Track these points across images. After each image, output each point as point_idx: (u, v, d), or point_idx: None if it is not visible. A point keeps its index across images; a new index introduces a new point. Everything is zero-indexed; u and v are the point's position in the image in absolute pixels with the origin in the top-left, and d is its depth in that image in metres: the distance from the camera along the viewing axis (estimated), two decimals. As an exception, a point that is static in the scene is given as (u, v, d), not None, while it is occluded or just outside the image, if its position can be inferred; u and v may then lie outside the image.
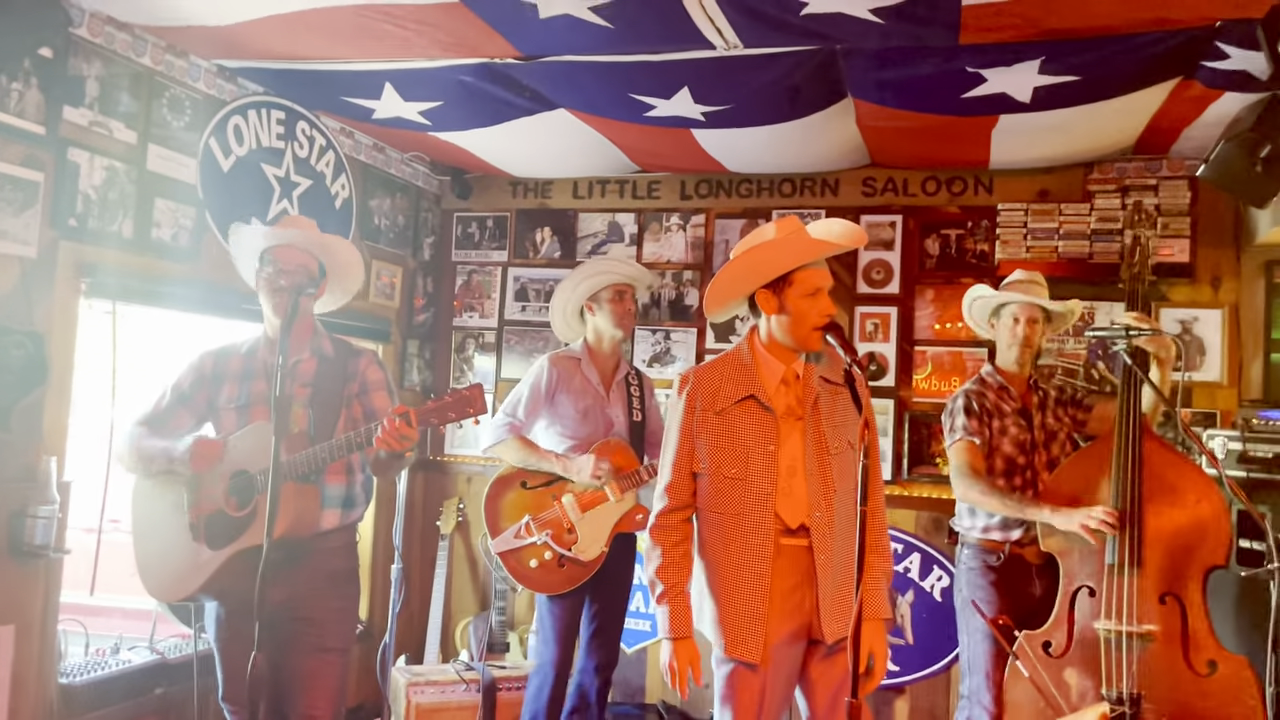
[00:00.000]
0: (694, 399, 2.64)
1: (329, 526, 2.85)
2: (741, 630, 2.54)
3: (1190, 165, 4.06)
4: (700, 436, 2.63)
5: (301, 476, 2.72)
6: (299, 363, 2.89)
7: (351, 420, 2.91)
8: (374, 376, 2.98)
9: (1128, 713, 2.97)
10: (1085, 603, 3.11)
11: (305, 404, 2.85)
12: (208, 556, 2.74)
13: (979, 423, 3.35)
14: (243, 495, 2.75)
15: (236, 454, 2.77)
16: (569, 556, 3.68)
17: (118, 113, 3.21)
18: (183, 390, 2.91)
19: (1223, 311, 4.09)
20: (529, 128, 4.03)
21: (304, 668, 2.82)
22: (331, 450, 2.70)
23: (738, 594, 2.55)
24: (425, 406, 2.65)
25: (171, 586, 2.83)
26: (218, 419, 2.90)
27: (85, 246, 3.12)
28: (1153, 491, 3.08)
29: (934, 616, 4.30)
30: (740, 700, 2.57)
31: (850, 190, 4.59)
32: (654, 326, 4.79)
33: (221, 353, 2.97)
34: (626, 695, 4.58)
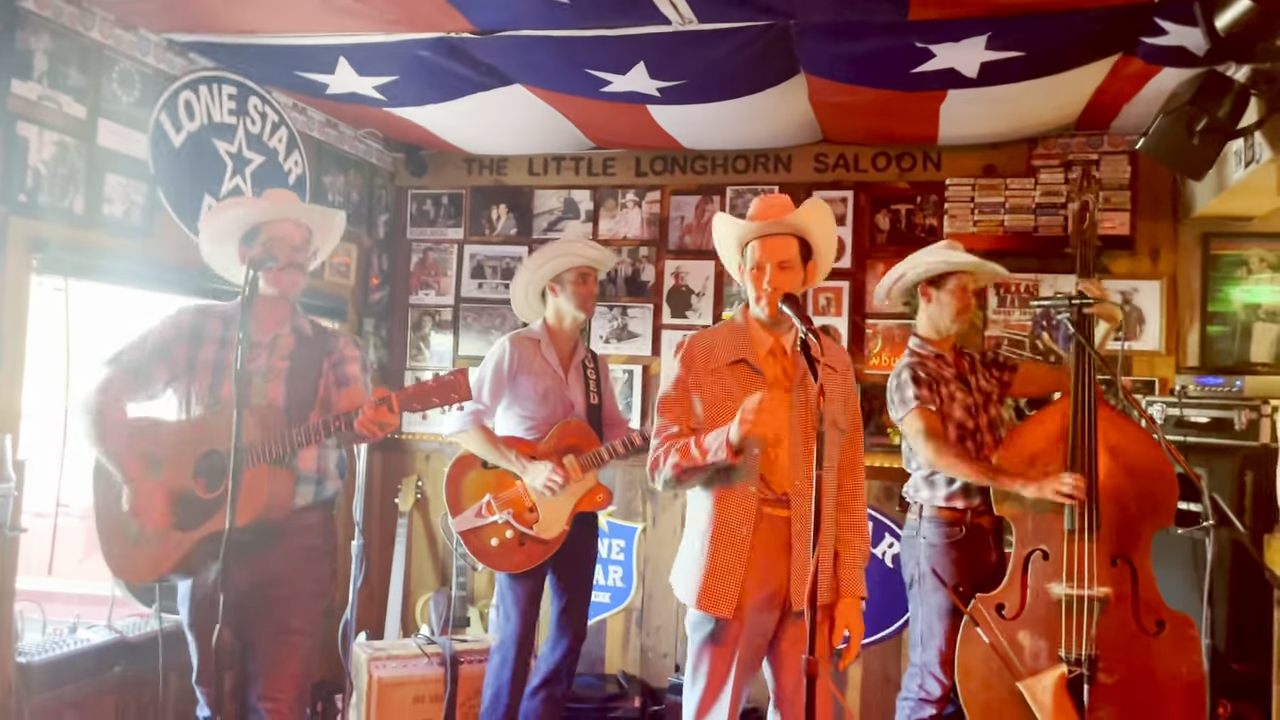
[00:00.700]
0: (690, 358, 2.71)
1: (302, 504, 2.81)
2: (716, 585, 2.60)
3: (1130, 140, 4.18)
4: (696, 394, 2.68)
5: (276, 459, 2.67)
6: (278, 338, 2.87)
7: (326, 391, 2.89)
8: (350, 351, 2.99)
9: (1085, 674, 3.08)
10: (1039, 566, 3.20)
11: (282, 377, 2.82)
12: (177, 538, 2.69)
13: (929, 390, 3.36)
14: (213, 476, 2.70)
15: (206, 433, 2.71)
16: (530, 535, 3.71)
17: (67, 86, 3.16)
18: (163, 342, 2.82)
19: (1161, 283, 4.23)
20: (485, 104, 4.03)
21: (268, 649, 2.79)
22: (308, 434, 2.67)
23: (716, 551, 2.61)
24: (406, 391, 2.62)
25: (138, 568, 2.75)
26: (193, 380, 2.82)
27: (36, 222, 3.08)
28: (1106, 458, 3.18)
29: (886, 582, 4.40)
30: (712, 667, 2.63)
31: (803, 166, 4.65)
32: (611, 303, 4.82)
33: (200, 310, 2.91)
34: (587, 666, 4.63)
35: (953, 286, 3.46)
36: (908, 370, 3.41)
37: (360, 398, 2.88)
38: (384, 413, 2.58)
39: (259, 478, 2.64)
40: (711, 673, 2.64)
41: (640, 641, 4.73)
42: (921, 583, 3.37)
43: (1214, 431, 3.62)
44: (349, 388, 2.93)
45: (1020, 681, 3.09)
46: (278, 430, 2.69)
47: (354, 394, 2.92)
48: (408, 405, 2.62)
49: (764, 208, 2.68)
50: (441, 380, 2.63)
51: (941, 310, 3.48)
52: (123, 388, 2.77)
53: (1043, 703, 3.04)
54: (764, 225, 2.65)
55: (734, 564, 2.60)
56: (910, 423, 3.35)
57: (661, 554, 4.72)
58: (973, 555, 3.34)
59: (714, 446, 2.53)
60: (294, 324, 2.93)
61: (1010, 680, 3.13)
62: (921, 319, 3.55)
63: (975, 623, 3.17)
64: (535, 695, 3.87)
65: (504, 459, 3.71)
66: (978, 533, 3.35)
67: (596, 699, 4.40)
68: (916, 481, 3.47)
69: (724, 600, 2.60)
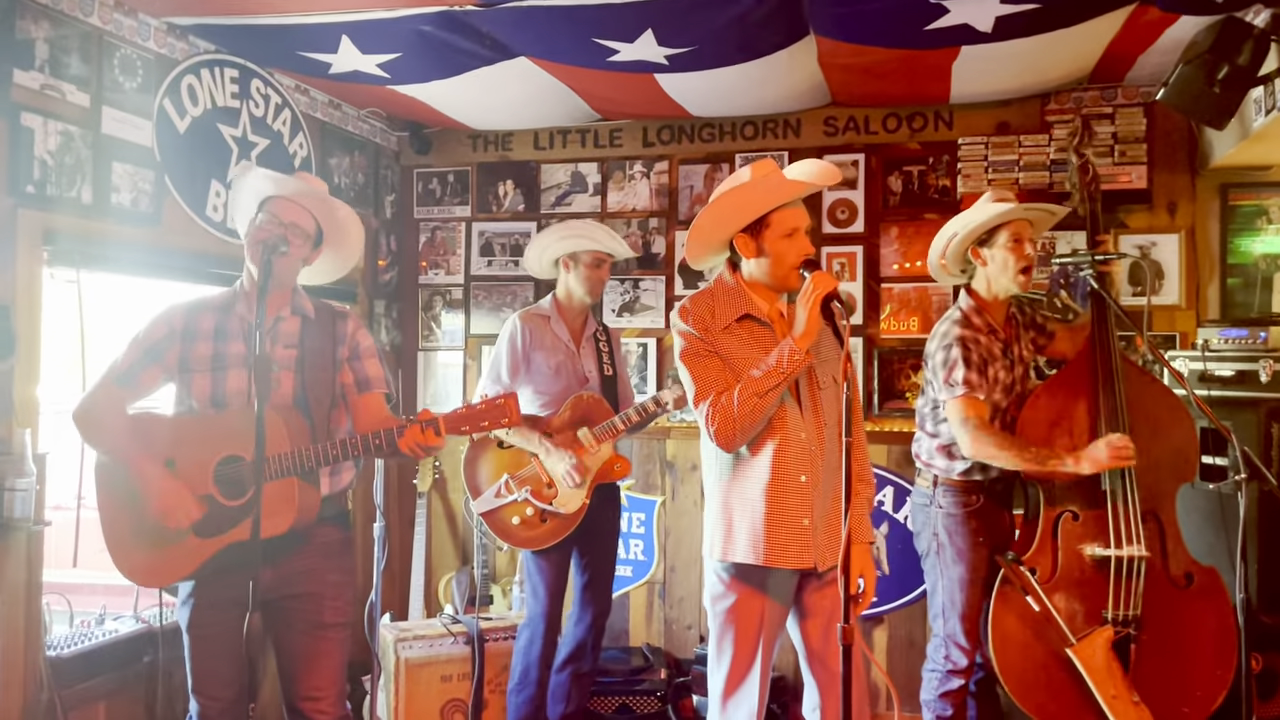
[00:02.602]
0: (700, 319, 2.63)
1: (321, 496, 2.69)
2: (787, 539, 2.55)
3: (1145, 92, 4.13)
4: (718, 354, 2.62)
5: (306, 473, 2.56)
6: (280, 321, 2.72)
7: (343, 388, 2.77)
8: (365, 342, 2.82)
9: (1133, 633, 3.05)
10: (1069, 527, 3.15)
11: (291, 367, 2.69)
12: (194, 545, 2.56)
13: (979, 375, 3.15)
14: (234, 484, 2.57)
15: (223, 435, 2.59)
16: (550, 511, 3.71)
17: (69, 75, 3.12)
18: (153, 344, 2.67)
19: (1179, 236, 4.18)
20: (489, 78, 3.98)
21: (303, 647, 2.69)
22: (344, 450, 2.55)
23: (780, 504, 2.56)
24: (454, 414, 2.54)
25: (151, 573, 2.63)
26: (189, 380, 2.66)
27: (45, 214, 3.04)
28: (1134, 416, 3.13)
29: (908, 547, 4.35)
30: (741, 627, 2.61)
31: (812, 130, 4.60)
32: (622, 276, 4.79)
33: (192, 307, 2.73)
34: (611, 639, 4.64)
35: (1006, 241, 3.18)
36: (959, 346, 3.16)
37: (384, 407, 2.77)
38: (430, 436, 2.50)
39: (289, 489, 2.53)
40: (738, 646, 2.62)
41: (664, 614, 4.73)
42: (941, 554, 3.28)
43: (1237, 385, 3.58)
44: (371, 393, 2.79)
45: (1069, 648, 3.03)
46: (305, 438, 2.59)
47: (375, 402, 2.77)
48: (454, 429, 2.53)
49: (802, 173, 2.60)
50: (491, 404, 2.54)
51: (1001, 268, 3.20)
52: (112, 397, 2.64)
53: (1094, 666, 2.99)
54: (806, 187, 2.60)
55: (799, 513, 2.56)
56: (956, 409, 3.15)
57: (682, 526, 4.71)
58: (991, 523, 3.27)
59: (782, 354, 2.50)
60: (295, 305, 2.78)
61: (1050, 646, 3.07)
62: (979, 280, 3.29)
63: (1026, 592, 3.09)
64: (562, 670, 3.88)
65: (529, 442, 3.71)
66: (994, 498, 3.29)
67: (622, 671, 4.41)
68: (931, 449, 3.33)
69: (793, 551, 2.56)
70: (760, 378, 2.51)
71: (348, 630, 2.81)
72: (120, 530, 2.63)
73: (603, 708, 4.33)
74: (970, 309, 3.27)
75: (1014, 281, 3.20)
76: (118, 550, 2.64)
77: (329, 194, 2.85)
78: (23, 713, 2.94)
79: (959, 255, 3.31)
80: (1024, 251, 3.18)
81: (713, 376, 2.59)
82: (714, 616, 2.67)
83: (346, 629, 2.80)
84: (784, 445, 2.57)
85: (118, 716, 3.30)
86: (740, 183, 2.61)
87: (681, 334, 2.66)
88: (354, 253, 2.96)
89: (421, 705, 4.00)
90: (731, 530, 2.61)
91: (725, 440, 2.56)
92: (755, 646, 2.61)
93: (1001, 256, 3.20)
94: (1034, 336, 3.42)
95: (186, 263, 3.57)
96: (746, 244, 2.63)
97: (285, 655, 2.72)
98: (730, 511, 2.62)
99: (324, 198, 2.82)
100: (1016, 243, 3.18)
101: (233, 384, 2.65)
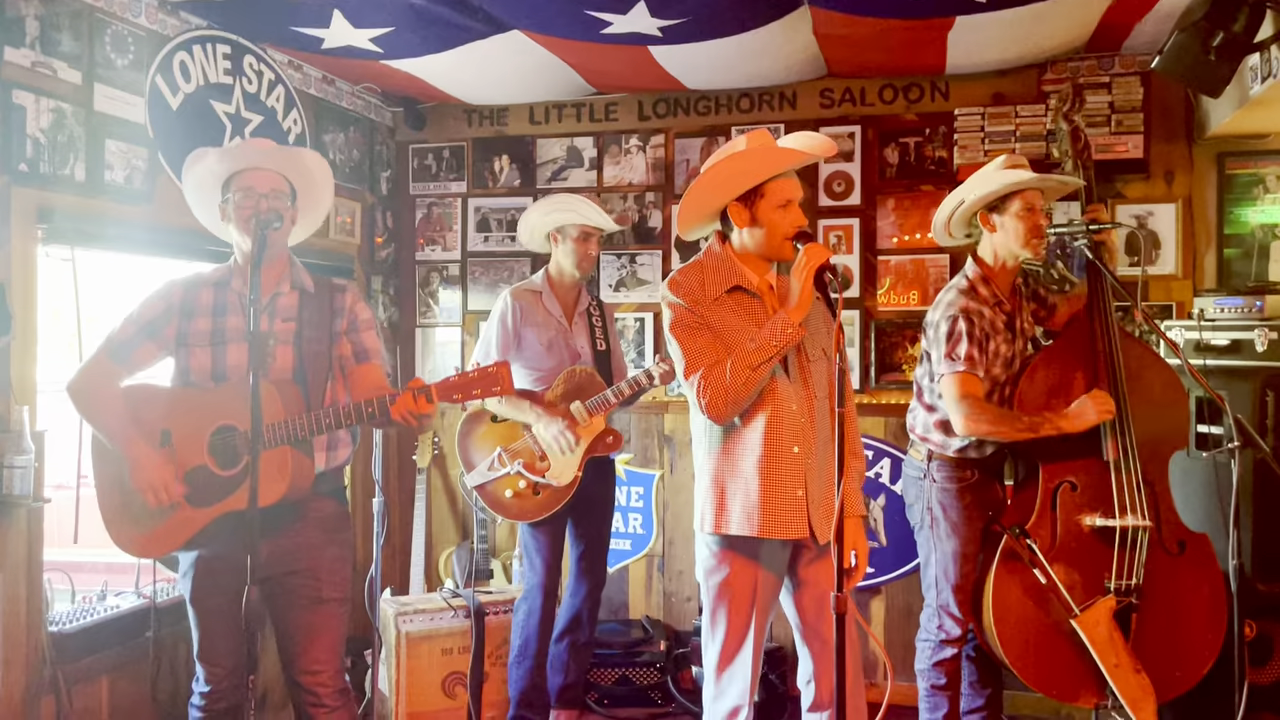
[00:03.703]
0: (690, 291, 2.63)
1: (317, 471, 2.71)
2: (780, 510, 2.56)
3: (1142, 61, 4.10)
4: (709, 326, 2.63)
5: (299, 441, 2.57)
6: (278, 296, 2.73)
7: (341, 360, 2.78)
8: (364, 314, 2.82)
9: (1134, 602, 3.06)
10: (1068, 498, 3.16)
11: (290, 342, 2.69)
12: (188, 514, 2.59)
13: (979, 350, 3.12)
14: (229, 453, 2.59)
15: (219, 406, 2.61)
16: (543, 483, 3.73)
17: (60, 52, 3.11)
18: (149, 320, 2.69)
19: (1176, 205, 4.17)
20: (483, 52, 3.96)
21: (302, 622, 2.71)
22: (337, 418, 2.55)
23: (773, 475, 2.56)
24: (447, 382, 2.53)
25: (145, 544, 2.67)
26: (187, 355, 2.68)
27: (38, 191, 3.04)
28: (1130, 385, 3.13)
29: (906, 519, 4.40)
30: (735, 599, 2.62)
31: (808, 103, 4.58)
32: (619, 250, 4.79)
33: (191, 282, 2.75)
34: (610, 612, 4.68)
35: (1018, 209, 3.13)
36: (964, 320, 3.12)
37: (381, 378, 2.78)
38: (422, 403, 2.49)
39: (283, 458, 2.54)
40: (731, 619, 2.63)
41: (663, 586, 4.76)
42: (935, 528, 3.29)
43: (1234, 353, 3.57)
44: (369, 364, 2.79)
45: (1073, 618, 3.04)
46: (300, 409, 2.59)
47: (373, 372, 2.78)
48: (447, 396, 2.52)
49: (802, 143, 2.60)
50: (484, 372, 2.51)
51: (1010, 235, 3.15)
52: (106, 373, 2.67)
53: (1097, 636, 3.00)
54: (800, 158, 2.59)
55: (792, 484, 2.57)
56: (953, 384, 3.11)
57: (680, 500, 4.73)
58: (984, 496, 3.29)
59: (775, 328, 2.50)
60: (294, 279, 2.78)
61: (1051, 616, 3.08)
62: (985, 247, 3.25)
63: (1032, 565, 3.09)
64: (560, 641, 3.92)
65: (520, 412, 3.72)
66: (987, 472, 3.29)
67: (622, 644, 4.45)
68: (928, 424, 3.31)
69: (786, 522, 2.56)
70: (753, 350, 2.51)
71: (346, 605, 2.82)
72: (115, 501, 2.67)
73: (602, 679, 4.37)
74: (977, 278, 3.24)
75: (1025, 247, 3.16)
76: (113, 521, 2.67)
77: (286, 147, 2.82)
78: (26, 687, 2.97)
79: (965, 220, 3.28)
80: (1036, 220, 3.14)
81: (703, 349, 2.59)
82: (707, 590, 2.68)
83: (345, 604, 2.81)
84: (775, 417, 2.58)
85: (120, 691, 3.33)
86: (736, 150, 2.60)
87: (671, 305, 2.65)
88: (325, 200, 2.92)
89: (422, 678, 4.03)
90: (724, 503, 2.62)
91: (717, 413, 2.57)
92: (749, 619, 2.62)
93: (1013, 224, 3.15)
94: (1035, 309, 3.40)
95: (181, 239, 3.56)
96: (740, 213, 2.62)
97: (285, 630, 2.74)
98: (723, 484, 2.63)
99: (289, 154, 2.80)
100: (1029, 210, 3.14)
101: (232, 358, 2.67)
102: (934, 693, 3.34)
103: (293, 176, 2.78)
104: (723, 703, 2.66)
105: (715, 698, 2.68)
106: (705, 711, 2.73)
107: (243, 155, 2.72)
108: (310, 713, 2.75)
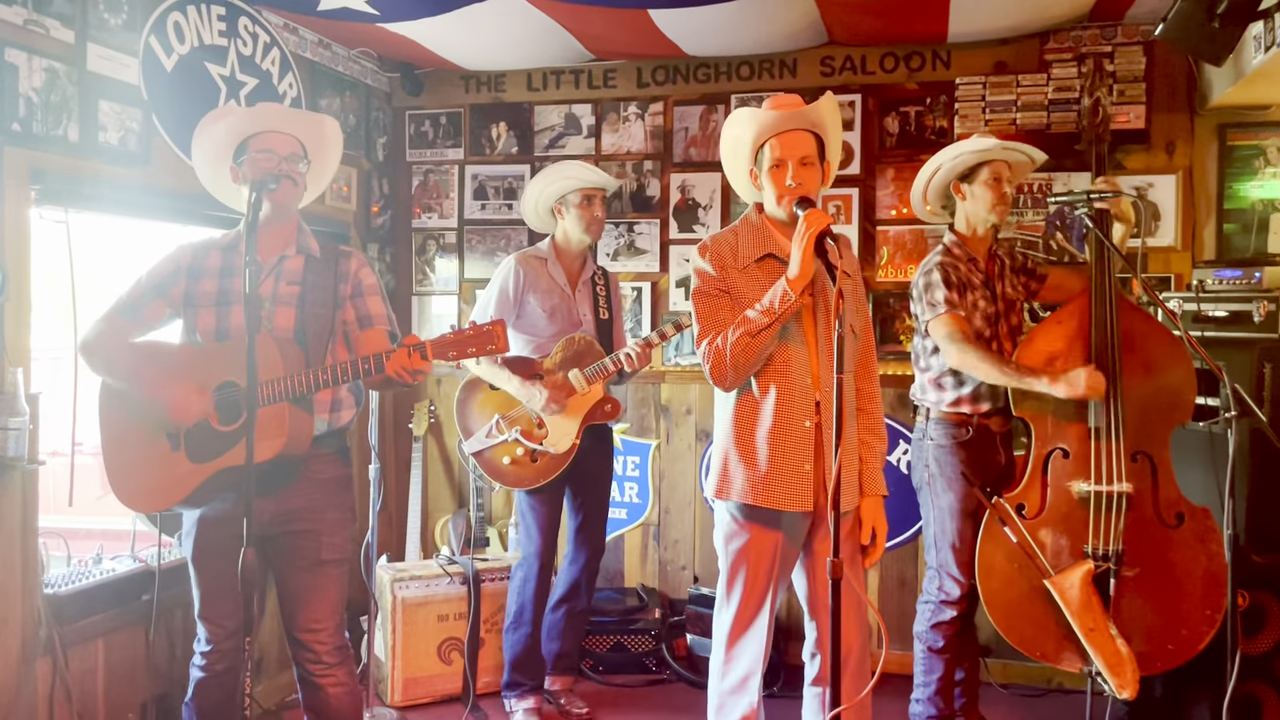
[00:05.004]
0: (719, 257, 2.64)
1: (319, 433, 2.73)
2: (788, 482, 2.56)
3: (1145, 30, 4.07)
4: (730, 294, 2.63)
5: (297, 398, 2.58)
6: (284, 259, 2.75)
7: (345, 324, 2.79)
8: (368, 280, 2.84)
9: (1112, 568, 3.09)
10: (1059, 465, 3.19)
11: (293, 304, 2.71)
12: (188, 469, 2.62)
13: (959, 295, 3.28)
14: (230, 409, 2.61)
15: (223, 363, 2.63)
16: (540, 450, 3.73)
17: (52, 10, 3.06)
18: (160, 280, 2.74)
19: (1177, 176, 4.15)
20: (480, 15, 3.92)
21: (302, 582, 2.74)
22: (334, 375, 2.56)
23: (782, 447, 2.56)
24: (442, 339, 2.53)
25: (146, 497, 2.72)
26: (194, 315, 2.72)
27: (31, 152, 3.01)
28: (1128, 355, 3.15)
29: (901, 488, 4.38)
30: (753, 567, 2.62)
31: (809, 70, 4.54)
32: (616, 219, 4.76)
33: (200, 246, 2.80)
34: (606, 580, 4.69)
35: (986, 177, 3.31)
36: (939, 270, 3.30)
37: (385, 341, 2.78)
38: (417, 360, 2.50)
39: (280, 415, 2.55)
40: (748, 586, 2.63)
41: (658, 555, 4.78)
42: (932, 484, 3.36)
43: (1232, 325, 3.58)
44: (373, 329, 2.80)
45: (1047, 579, 3.09)
46: (299, 367, 2.60)
47: (378, 337, 2.79)
48: (442, 354, 2.52)
49: (779, 103, 2.60)
50: (479, 330, 2.51)
51: (976, 203, 3.33)
52: (118, 329, 2.71)
53: (1071, 599, 3.04)
54: (785, 116, 2.57)
55: (800, 457, 2.56)
56: (938, 326, 3.26)
57: (676, 469, 4.73)
58: (980, 455, 3.33)
59: (775, 295, 2.49)
60: (300, 243, 2.80)
61: (1033, 578, 3.13)
62: (959, 217, 3.41)
63: (1003, 522, 3.15)
64: (557, 609, 3.94)
65: (505, 381, 3.71)
66: (984, 434, 3.33)
67: (617, 611, 4.47)
68: (924, 384, 3.43)
69: (793, 493, 2.56)
70: (753, 318, 2.51)
71: (346, 566, 2.85)
72: (120, 456, 2.71)
73: (598, 646, 4.40)
74: (952, 243, 3.40)
75: (990, 213, 3.32)
76: (117, 476, 2.71)
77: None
78: (21, 648, 2.98)
79: (940, 191, 3.45)
80: (1001, 190, 3.31)
81: (717, 316, 2.61)
82: (725, 555, 2.68)
83: (345, 564, 2.84)
84: (786, 389, 2.57)
85: (116, 653, 3.34)
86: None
87: (697, 271, 2.68)
88: (333, 166, 2.94)
89: (419, 644, 4.06)
90: (729, 470, 2.63)
91: (719, 379, 2.58)
92: (766, 587, 2.63)
93: (980, 192, 3.32)
94: (1025, 281, 3.47)
95: (176, 203, 3.54)
96: (753, 177, 2.67)
97: (285, 590, 2.78)
98: (731, 452, 2.64)
99: (310, 118, 2.82)
100: (996, 180, 3.31)
101: (236, 319, 2.69)
102: (930, 655, 3.38)
103: (308, 141, 2.78)
104: (736, 668, 2.66)
105: (726, 662, 2.68)
106: (713, 675, 2.72)
107: (265, 116, 2.73)
108: (309, 669, 2.79)
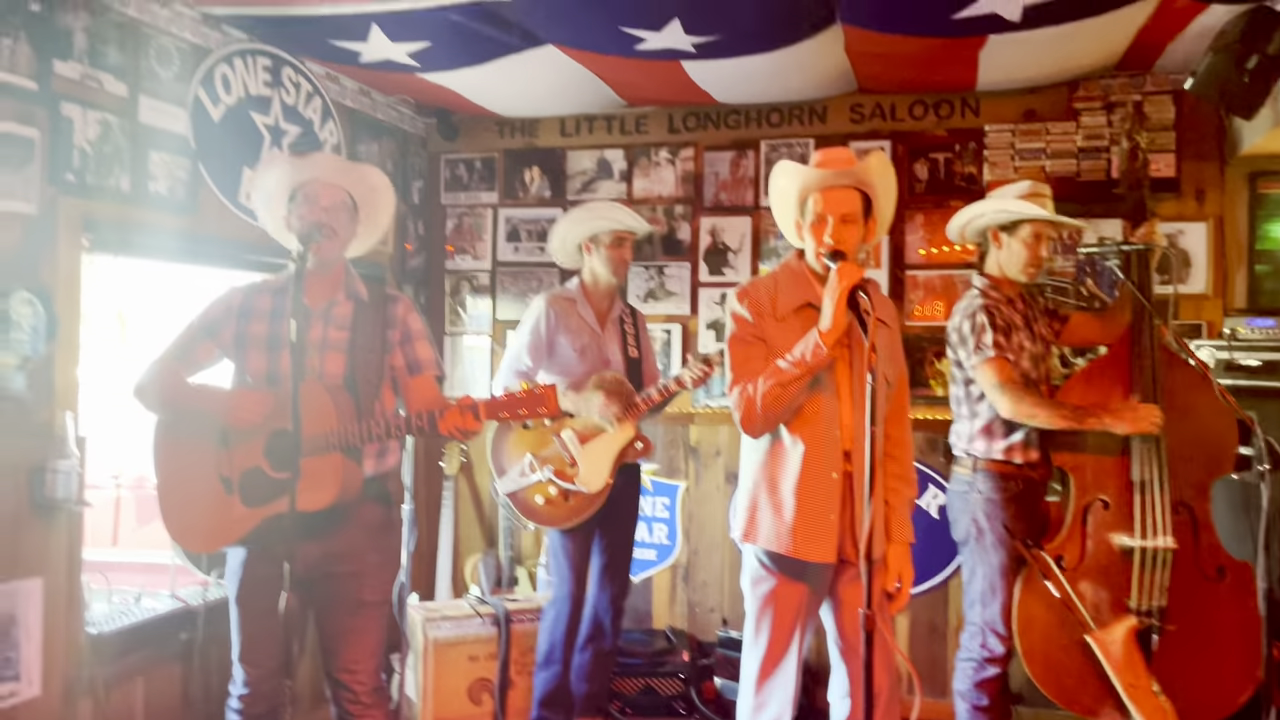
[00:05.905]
0: (757, 304, 2.66)
1: (366, 476, 2.74)
2: (809, 529, 2.57)
3: (1175, 80, 4.10)
4: (765, 341, 2.64)
5: (349, 450, 2.61)
6: (334, 305, 2.78)
7: (393, 370, 2.81)
8: (415, 325, 2.86)
9: (1155, 624, 3.05)
10: (1099, 516, 3.15)
11: (343, 350, 2.74)
12: (242, 513, 2.64)
13: (1005, 338, 3.18)
14: (282, 456, 2.62)
15: (275, 409, 2.64)
16: (573, 490, 3.75)
17: (107, 65, 3.18)
18: (210, 322, 2.78)
19: (1207, 224, 4.17)
20: (517, 66, 4.01)
21: (343, 624, 2.77)
22: (388, 429, 2.60)
23: (805, 495, 2.58)
24: (495, 401, 2.57)
25: (201, 538, 2.76)
26: (243, 357, 2.75)
27: (85, 202, 3.11)
28: (1170, 405, 3.10)
29: (930, 533, 4.40)
30: (779, 611, 2.64)
31: (838, 118, 4.60)
32: (647, 263, 4.82)
33: (251, 289, 2.82)
34: (635, 621, 4.70)
35: (1026, 235, 3.24)
36: (984, 314, 3.19)
37: (434, 391, 2.81)
38: (470, 419, 2.55)
39: (335, 465, 2.58)
40: (775, 630, 2.64)
41: (687, 597, 4.78)
42: (981, 539, 3.25)
43: (1265, 374, 3.57)
44: (421, 375, 2.84)
45: (1089, 634, 3.04)
46: (350, 414, 2.63)
47: (426, 384, 2.83)
48: (494, 415, 2.57)
49: (827, 159, 2.62)
50: (531, 393, 2.56)
51: (1012, 258, 3.27)
52: (170, 370, 2.74)
53: (1114, 655, 3.00)
54: (830, 174, 2.58)
55: (826, 508, 2.57)
56: (988, 372, 3.15)
57: (705, 511, 4.75)
58: (1030, 509, 3.25)
59: (807, 347, 2.50)
60: (349, 288, 2.82)
61: (1073, 632, 3.08)
62: (991, 261, 3.36)
63: (1045, 576, 3.09)
64: (584, 650, 3.95)
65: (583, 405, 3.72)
66: (1032, 485, 3.25)
67: (646, 653, 4.47)
68: (970, 432, 3.30)
69: (818, 544, 2.57)
70: (784, 368, 2.53)
71: (387, 608, 2.87)
72: (176, 495, 2.72)
73: (627, 689, 4.40)
74: (985, 286, 3.33)
75: (1022, 273, 3.27)
76: (171, 513, 2.72)
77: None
78: (64, 688, 3.03)
79: (978, 230, 3.39)
80: (1038, 251, 3.25)
81: (750, 364, 2.62)
82: (752, 599, 2.70)
83: (385, 606, 2.86)
84: (815, 440, 2.59)
85: (156, 692, 3.39)
86: None
87: (734, 316, 2.70)
88: (386, 215, 2.96)
89: (449, 684, 4.07)
90: (756, 516, 2.65)
91: (749, 427, 2.61)
92: (792, 630, 2.64)
93: (1018, 248, 3.26)
94: (1049, 322, 3.42)
95: (222, 249, 3.63)
96: (797, 227, 2.70)
97: (326, 630, 2.80)
98: (759, 498, 2.66)
99: (357, 170, 2.86)
100: (1036, 239, 3.24)
101: (286, 363, 2.69)
102: (976, 714, 3.27)
103: (356, 193, 2.82)
104: (765, 712, 2.67)
105: (756, 709, 2.69)
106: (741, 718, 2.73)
107: (310, 166, 2.78)
108: (347, 709, 2.81)
